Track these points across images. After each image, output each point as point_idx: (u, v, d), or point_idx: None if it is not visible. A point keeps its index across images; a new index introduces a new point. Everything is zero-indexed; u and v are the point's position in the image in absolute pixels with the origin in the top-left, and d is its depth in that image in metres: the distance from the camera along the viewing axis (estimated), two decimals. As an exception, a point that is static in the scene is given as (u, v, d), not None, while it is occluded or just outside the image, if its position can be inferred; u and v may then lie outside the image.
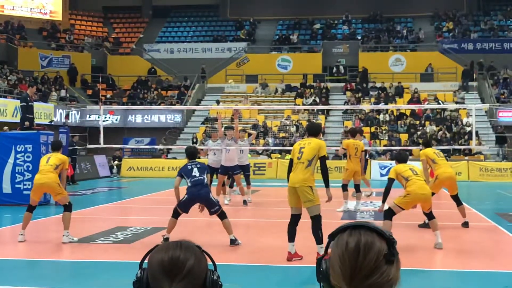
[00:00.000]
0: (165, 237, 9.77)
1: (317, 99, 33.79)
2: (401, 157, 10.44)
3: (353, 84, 35.52)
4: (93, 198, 18.74)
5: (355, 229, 1.79)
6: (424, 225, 11.98)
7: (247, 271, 8.51)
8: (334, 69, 37.49)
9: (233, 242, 9.98)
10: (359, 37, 40.13)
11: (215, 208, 9.92)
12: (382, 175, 25.39)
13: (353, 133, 15.34)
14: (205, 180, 9.88)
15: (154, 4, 45.63)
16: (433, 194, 12.17)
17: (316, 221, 8.56)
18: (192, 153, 10.39)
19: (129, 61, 39.76)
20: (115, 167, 28.95)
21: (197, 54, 39.53)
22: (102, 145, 17.13)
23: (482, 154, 28.36)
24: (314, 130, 9.12)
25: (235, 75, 37.77)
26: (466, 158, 27.45)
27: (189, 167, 9.99)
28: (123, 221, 13.69)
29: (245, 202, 16.09)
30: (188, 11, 45.44)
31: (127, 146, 30.32)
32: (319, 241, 8.49)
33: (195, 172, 9.86)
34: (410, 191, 9.70)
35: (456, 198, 12.38)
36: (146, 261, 1.94)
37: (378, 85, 35.12)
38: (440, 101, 32.03)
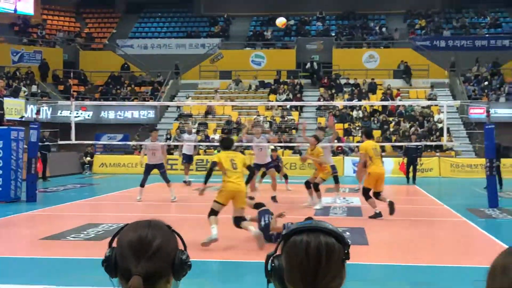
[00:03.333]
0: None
1: (291, 96, 33.84)
2: (225, 144, 10.35)
3: (328, 80, 35.65)
4: (64, 195, 18.53)
5: (313, 232, 1.72)
6: (374, 216, 12.36)
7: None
8: (308, 66, 37.55)
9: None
10: (333, 34, 40.26)
11: None
12: (354, 171, 25.52)
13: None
14: None
15: (128, -1, 45.28)
16: (369, 190, 12.71)
17: None
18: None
19: (102, 57, 39.38)
20: (87, 163, 28.67)
21: (171, 50, 39.30)
22: (73, 141, 16.92)
23: (453, 150, 28.64)
24: None
25: (208, 71, 37.65)
26: (438, 154, 27.70)
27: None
28: (95, 217, 13.56)
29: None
30: (161, 7, 45.12)
31: (99, 142, 30.04)
32: None
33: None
34: (223, 188, 9.76)
35: (378, 194, 12.84)
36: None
37: (352, 81, 35.28)
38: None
